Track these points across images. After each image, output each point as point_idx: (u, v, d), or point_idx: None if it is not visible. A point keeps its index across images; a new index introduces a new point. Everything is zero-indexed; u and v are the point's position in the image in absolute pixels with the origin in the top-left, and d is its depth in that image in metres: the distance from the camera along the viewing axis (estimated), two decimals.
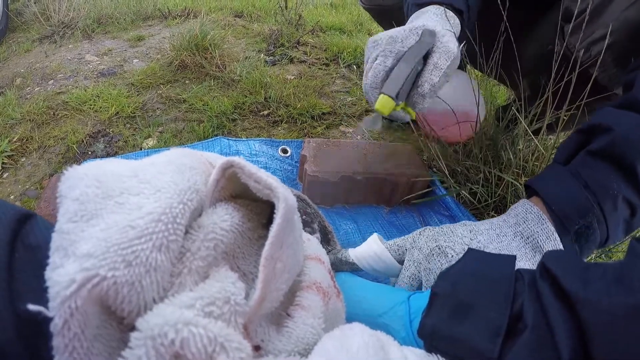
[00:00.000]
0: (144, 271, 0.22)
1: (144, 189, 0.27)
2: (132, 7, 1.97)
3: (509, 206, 0.79)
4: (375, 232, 0.77)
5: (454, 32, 0.63)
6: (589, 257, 0.78)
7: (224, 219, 0.29)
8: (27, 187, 0.95)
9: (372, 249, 0.52)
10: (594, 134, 0.50)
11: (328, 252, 0.55)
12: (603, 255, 0.82)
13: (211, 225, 0.28)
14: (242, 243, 0.31)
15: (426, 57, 0.56)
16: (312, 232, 0.55)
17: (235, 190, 0.34)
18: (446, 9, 0.65)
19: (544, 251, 0.46)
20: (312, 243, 0.41)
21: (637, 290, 0.27)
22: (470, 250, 0.42)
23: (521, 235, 0.47)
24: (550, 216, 0.48)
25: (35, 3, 2.06)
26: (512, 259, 0.38)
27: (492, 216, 0.81)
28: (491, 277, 0.35)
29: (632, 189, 0.46)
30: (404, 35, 0.57)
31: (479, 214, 0.83)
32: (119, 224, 0.24)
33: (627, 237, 0.57)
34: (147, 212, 0.25)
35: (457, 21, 0.65)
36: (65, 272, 0.22)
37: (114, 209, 0.25)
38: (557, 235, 0.46)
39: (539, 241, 0.46)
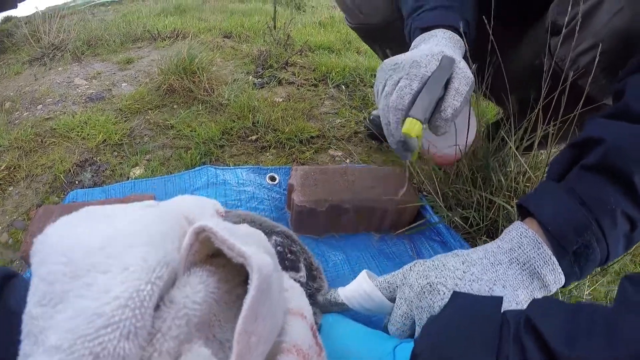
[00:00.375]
0: None
1: (112, 266, 0.26)
2: (122, 28, 1.97)
3: (501, 230, 0.79)
4: (365, 262, 0.76)
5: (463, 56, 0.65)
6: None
7: (197, 290, 0.28)
8: (15, 217, 0.95)
9: (362, 287, 0.51)
10: (586, 148, 0.48)
11: (316, 291, 0.55)
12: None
13: (183, 300, 0.27)
14: (218, 310, 0.30)
15: (446, 83, 0.58)
16: (297, 271, 0.54)
17: (211, 250, 0.33)
18: (453, 33, 0.66)
19: (542, 276, 0.45)
20: (295, 293, 0.40)
21: (625, 351, 0.27)
22: (455, 294, 0.42)
23: (517, 261, 0.46)
24: (547, 238, 0.46)
25: (26, 24, 2.06)
26: (499, 301, 0.38)
27: (485, 240, 0.81)
28: (476, 327, 0.34)
29: (631, 202, 0.44)
30: (427, 60, 0.59)
31: (470, 238, 0.83)
32: (86, 312, 0.24)
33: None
34: (113, 296, 0.24)
35: (463, 44, 0.67)
36: None
37: (81, 292, 0.25)
38: (554, 259, 0.44)
39: (536, 267, 0.45)
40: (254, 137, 1.12)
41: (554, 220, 0.46)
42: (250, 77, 1.52)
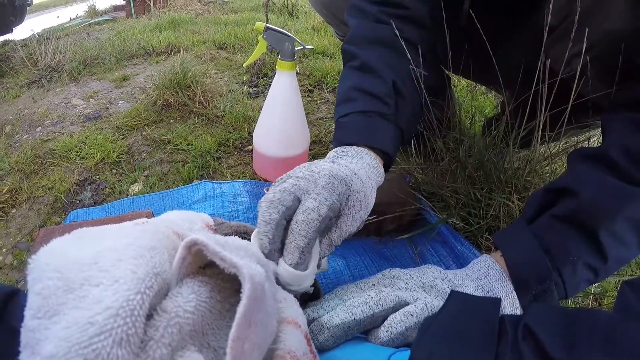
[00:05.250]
0: None
1: (103, 279, 0.27)
2: (117, 46, 1.99)
3: (502, 227, 0.79)
4: (366, 267, 0.76)
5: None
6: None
7: (188, 300, 0.29)
8: (19, 239, 0.95)
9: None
10: (561, 196, 0.51)
11: (309, 297, 0.54)
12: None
13: (174, 309, 0.28)
14: (212, 319, 0.31)
15: None
16: None
17: (204, 261, 0.34)
18: (371, 156, 0.59)
19: (501, 308, 0.47)
20: (288, 303, 0.41)
21: (627, 359, 0.26)
22: (453, 293, 0.41)
23: (482, 289, 0.48)
24: (511, 275, 0.49)
25: (22, 47, 2.09)
26: (497, 305, 0.37)
27: (486, 239, 0.81)
28: (473, 335, 0.34)
29: (595, 254, 0.47)
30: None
31: (472, 236, 0.82)
32: (80, 322, 0.25)
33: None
34: (105, 306, 0.25)
35: (381, 170, 0.60)
36: None
37: (75, 304, 0.26)
38: (515, 294, 0.47)
39: (498, 297, 0.47)
40: (250, 147, 1.13)
41: (519, 266, 0.49)
42: (245, 86, 1.53)
